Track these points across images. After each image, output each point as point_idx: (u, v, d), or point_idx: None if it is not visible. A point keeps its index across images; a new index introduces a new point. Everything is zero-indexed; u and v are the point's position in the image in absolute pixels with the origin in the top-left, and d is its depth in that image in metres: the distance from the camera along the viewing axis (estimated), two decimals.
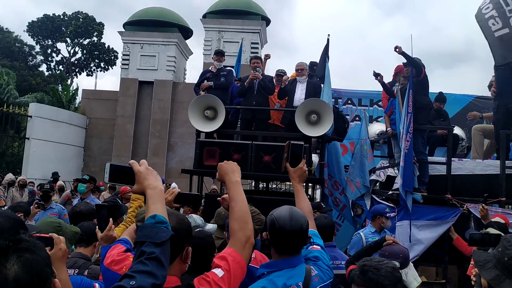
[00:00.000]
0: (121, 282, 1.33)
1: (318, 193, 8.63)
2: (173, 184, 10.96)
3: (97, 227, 2.83)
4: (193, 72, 62.75)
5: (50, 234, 2.05)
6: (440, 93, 8.24)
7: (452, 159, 6.68)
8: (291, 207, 2.20)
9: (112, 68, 38.47)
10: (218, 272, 1.71)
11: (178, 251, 1.72)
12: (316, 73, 7.76)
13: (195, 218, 3.23)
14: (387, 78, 7.82)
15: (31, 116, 14.46)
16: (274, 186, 15.41)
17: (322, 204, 5.70)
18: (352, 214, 7.77)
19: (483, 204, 5.51)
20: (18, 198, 9.32)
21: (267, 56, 7.93)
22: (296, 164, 2.47)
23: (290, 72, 7.98)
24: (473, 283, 2.39)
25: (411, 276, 2.84)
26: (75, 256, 2.99)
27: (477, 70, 73.71)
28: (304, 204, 2.45)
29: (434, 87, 7.07)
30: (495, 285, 1.79)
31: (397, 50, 6.50)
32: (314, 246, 2.29)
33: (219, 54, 7.38)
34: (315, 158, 8.00)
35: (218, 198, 2.95)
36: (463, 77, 76.16)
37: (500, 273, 1.79)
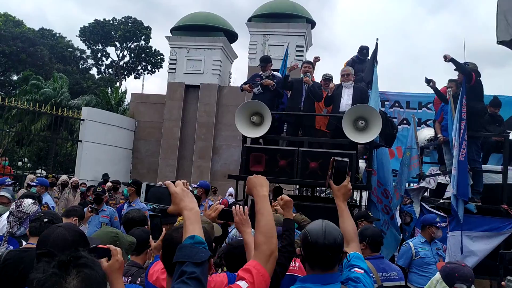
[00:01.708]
0: None
1: (364, 197, 8.43)
2: (230, 189, 11.10)
3: (150, 236, 2.89)
4: (237, 75, 63.33)
5: (107, 245, 2.09)
6: (495, 97, 7.89)
7: (508, 167, 6.38)
8: (324, 220, 2.15)
9: (158, 71, 39.58)
10: (243, 284, 1.75)
11: None
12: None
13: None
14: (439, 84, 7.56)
15: (83, 120, 14.96)
16: (318, 189, 15.26)
17: (370, 213, 5.59)
18: (401, 222, 7.57)
19: None
20: (71, 199, 9.71)
21: (317, 59, 7.67)
22: (341, 181, 2.39)
23: (335, 75, 7.83)
24: None
25: None
26: (128, 264, 3.06)
27: None
28: (348, 224, 2.37)
29: (484, 88, 6.76)
30: None
31: (446, 59, 6.37)
32: (357, 269, 2.17)
33: (264, 61, 7.25)
34: (362, 164, 7.85)
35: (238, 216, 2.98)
36: None
37: None
